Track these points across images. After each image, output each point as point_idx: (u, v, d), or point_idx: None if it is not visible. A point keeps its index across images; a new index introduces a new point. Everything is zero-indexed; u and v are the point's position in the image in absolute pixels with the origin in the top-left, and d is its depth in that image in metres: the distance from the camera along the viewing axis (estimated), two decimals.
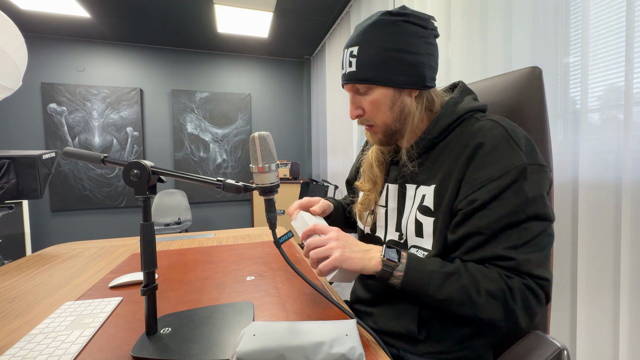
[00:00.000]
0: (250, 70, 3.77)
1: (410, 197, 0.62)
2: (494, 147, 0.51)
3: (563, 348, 0.47)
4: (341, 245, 0.54)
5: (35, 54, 3.04)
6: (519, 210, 0.48)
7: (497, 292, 0.47)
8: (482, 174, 0.51)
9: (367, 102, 0.59)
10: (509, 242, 0.48)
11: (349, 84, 0.59)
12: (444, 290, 0.50)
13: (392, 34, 0.55)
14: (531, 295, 0.47)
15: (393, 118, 0.59)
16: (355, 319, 0.51)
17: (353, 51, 0.57)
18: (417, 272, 0.51)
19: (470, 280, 0.49)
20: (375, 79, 0.56)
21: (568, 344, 0.98)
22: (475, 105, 0.58)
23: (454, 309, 0.50)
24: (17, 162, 1.03)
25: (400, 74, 0.56)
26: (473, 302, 0.48)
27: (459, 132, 0.57)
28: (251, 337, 0.42)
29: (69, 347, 0.48)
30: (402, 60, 0.55)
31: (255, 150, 0.51)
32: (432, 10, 1.55)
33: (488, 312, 0.48)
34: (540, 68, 0.59)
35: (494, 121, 0.54)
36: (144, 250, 0.49)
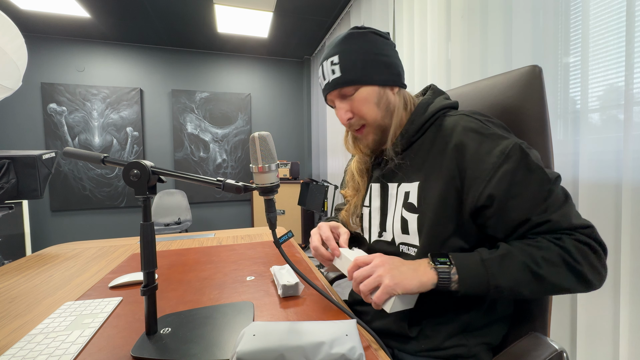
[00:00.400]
0: (250, 70, 3.77)
1: (393, 195, 0.65)
2: (478, 140, 0.53)
3: (562, 350, 0.47)
4: (388, 269, 0.51)
5: (35, 54, 3.03)
6: (542, 183, 0.49)
7: (555, 258, 0.47)
8: (483, 166, 0.52)
9: (355, 102, 0.62)
10: (540, 209, 0.49)
11: (335, 89, 0.62)
12: (506, 275, 0.48)
13: (366, 42, 0.61)
14: (586, 248, 0.47)
15: (382, 114, 0.62)
16: (355, 319, 0.51)
17: (333, 60, 0.60)
18: (469, 266, 0.50)
19: (525, 255, 0.48)
20: (360, 79, 0.60)
21: (568, 345, 0.98)
22: (447, 104, 0.62)
23: (524, 292, 0.48)
24: (17, 162, 1.03)
25: (381, 73, 0.61)
26: (538, 276, 0.47)
27: (434, 130, 0.61)
28: (251, 337, 0.42)
29: (69, 347, 0.48)
30: (380, 61, 0.61)
31: (255, 150, 0.51)
32: (432, 10, 1.55)
33: (557, 281, 0.47)
34: (540, 67, 0.59)
35: (467, 115, 0.58)
36: (144, 250, 0.49)
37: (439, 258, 0.52)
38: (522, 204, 0.49)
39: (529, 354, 0.48)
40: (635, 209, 0.82)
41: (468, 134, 0.54)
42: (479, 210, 0.53)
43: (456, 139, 0.55)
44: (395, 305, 0.50)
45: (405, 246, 0.62)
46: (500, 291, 0.48)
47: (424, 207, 0.58)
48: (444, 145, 0.57)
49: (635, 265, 0.82)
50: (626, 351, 0.84)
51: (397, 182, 0.64)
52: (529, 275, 0.47)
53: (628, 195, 0.82)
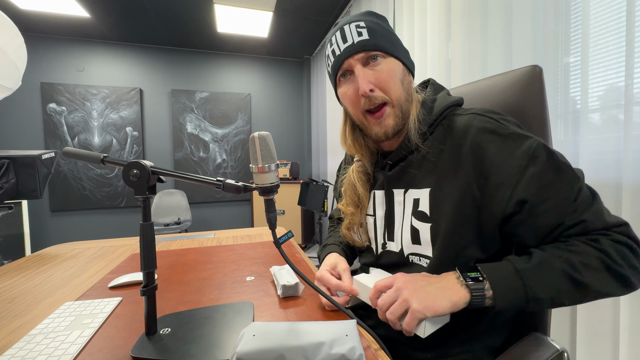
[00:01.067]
0: (250, 70, 3.77)
1: (400, 202, 0.60)
2: (498, 141, 0.49)
3: (562, 350, 0.47)
4: (413, 291, 0.45)
5: (34, 54, 3.03)
6: (572, 184, 0.46)
7: (595, 262, 0.43)
8: (508, 170, 0.47)
9: (381, 72, 0.54)
10: (570, 210, 0.45)
11: (361, 52, 0.54)
12: (545, 285, 0.44)
13: (387, 23, 0.58)
14: (625, 249, 0.44)
15: (405, 96, 0.56)
16: (355, 319, 0.51)
17: (360, 23, 0.54)
18: (504, 279, 0.45)
19: (563, 261, 0.44)
20: (390, 49, 0.55)
21: (568, 345, 0.98)
22: (452, 101, 0.57)
23: (564, 302, 0.44)
24: (17, 162, 1.02)
25: (405, 55, 0.58)
26: (580, 284, 0.43)
27: (442, 131, 0.56)
28: (251, 338, 0.42)
29: (69, 348, 0.48)
30: (400, 44, 0.58)
31: (255, 150, 0.51)
32: (432, 9, 1.55)
33: (599, 287, 0.43)
34: (541, 67, 0.59)
35: (480, 114, 0.53)
36: (143, 250, 0.49)
37: (470, 273, 0.46)
38: (555, 208, 0.45)
39: (530, 354, 0.48)
40: (635, 209, 0.82)
41: (485, 135, 0.50)
42: (507, 218, 0.49)
43: (471, 141, 0.51)
44: (428, 329, 0.45)
45: (415, 257, 0.57)
46: (540, 303, 0.44)
47: (437, 215, 0.53)
48: (457, 148, 0.52)
49: None
50: (626, 351, 0.84)
51: (403, 188, 0.59)
52: (570, 283, 0.44)
53: (628, 195, 0.82)
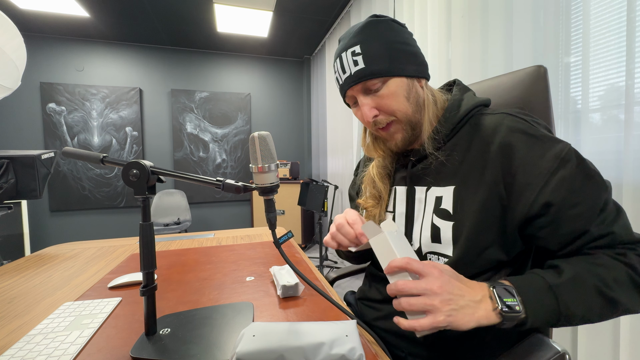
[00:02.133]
0: (250, 70, 3.77)
1: (421, 200, 0.59)
2: (528, 142, 0.48)
3: (564, 352, 0.46)
4: (446, 302, 0.41)
5: (34, 54, 3.03)
6: (600, 192, 0.45)
7: (624, 277, 0.42)
8: (536, 172, 0.47)
9: (381, 98, 0.55)
10: (597, 220, 0.45)
11: (359, 83, 0.55)
12: (578, 302, 0.42)
13: (388, 30, 0.55)
14: None
15: (412, 109, 0.56)
16: (355, 319, 0.51)
17: (355, 50, 0.54)
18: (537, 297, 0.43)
19: (595, 277, 0.43)
20: (388, 70, 0.54)
21: (569, 346, 0.98)
22: (480, 101, 0.57)
23: (593, 319, 0.43)
24: (16, 162, 1.02)
25: (409, 63, 0.55)
26: (611, 300, 0.42)
27: (469, 130, 0.55)
28: (251, 338, 0.42)
29: (68, 348, 0.48)
30: (405, 50, 0.55)
31: (255, 150, 0.51)
32: (432, 10, 1.55)
33: (628, 304, 0.42)
34: (545, 67, 0.59)
35: (509, 115, 0.53)
36: (143, 250, 0.49)
37: (507, 299, 0.42)
38: (582, 214, 0.44)
39: (532, 355, 0.48)
40: (636, 209, 0.82)
41: (515, 134, 0.49)
42: (530, 219, 0.48)
43: (501, 139, 0.50)
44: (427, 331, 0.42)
45: (434, 256, 0.56)
46: (571, 320, 0.43)
47: (460, 214, 0.52)
48: (485, 146, 0.51)
49: None
50: (626, 351, 0.84)
51: (426, 186, 0.58)
52: (602, 299, 0.42)
53: (628, 195, 0.82)
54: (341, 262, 3.03)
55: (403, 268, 0.44)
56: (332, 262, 3.01)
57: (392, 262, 0.45)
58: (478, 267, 0.52)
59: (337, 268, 3.06)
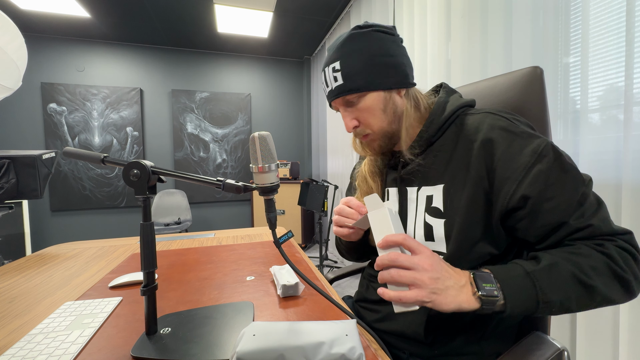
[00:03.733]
0: (250, 70, 3.77)
1: (413, 200, 0.61)
2: (509, 138, 0.50)
3: (563, 349, 0.47)
4: (433, 281, 0.43)
5: (35, 54, 3.03)
6: (577, 185, 0.47)
7: (601, 266, 0.43)
8: (515, 166, 0.49)
9: (360, 111, 0.59)
10: (577, 214, 0.46)
11: (338, 97, 0.59)
12: (556, 288, 0.43)
13: (369, 42, 0.57)
14: (628, 255, 0.45)
15: (388, 120, 0.59)
16: (355, 319, 0.51)
17: (335, 66, 0.57)
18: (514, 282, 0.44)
19: (572, 264, 0.44)
20: (364, 86, 0.57)
21: (568, 344, 0.98)
22: (464, 102, 0.59)
23: (573, 307, 0.44)
24: (17, 162, 1.03)
25: (386, 77, 0.57)
26: (589, 287, 0.43)
27: (455, 130, 0.58)
28: (251, 337, 0.42)
29: (69, 347, 0.48)
30: (384, 63, 0.57)
31: (255, 150, 0.51)
32: (432, 10, 1.55)
33: (607, 292, 0.43)
34: (542, 68, 0.59)
35: (491, 113, 0.55)
36: (143, 250, 0.49)
37: (485, 284, 0.44)
38: (558, 207, 0.46)
39: (532, 352, 0.48)
40: (635, 209, 0.82)
41: (496, 131, 0.51)
42: (509, 212, 0.50)
43: (483, 136, 0.52)
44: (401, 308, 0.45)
45: None
46: (550, 307, 0.44)
47: (451, 211, 0.54)
48: (470, 144, 0.54)
49: None
50: (626, 351, 0.84)
51: (416, 186, 0.60)
52: (580, 287, 0.43)
53: (628, 195, 0.82)
54: (341, 262, 3.03)
55: (400, 243, 0.46)
56: (332, 262, 3.01)
57: (390, 237, 0.46)
58: (470, 261, 0.53)
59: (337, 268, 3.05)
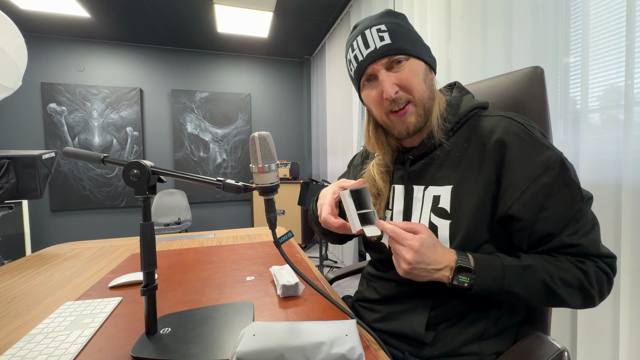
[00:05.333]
0: (250, 70, 3.77)
1: (419, 199, 0.60)
2: (520, 145, 0.51)
3: (563, 349, 0.47)
4: (417, 261, 0.48)
5: (35, 54, 3.03)
6: (575, 201, 0.49)
7: (573, 280, 0.48)
8: (521, 174, 0.50)
9: (404, 74, 0.55)
10: (570, 229, 0.49)
11: (385, 57, 0.55)
12: (522, 285, 0.49)
13: (406, 22, 0.59)
14: (604, 277, 0.49)
15: (428, 94, 0.57)
16: (355, 319, 0.51)
17: (381, 27, 0.55)
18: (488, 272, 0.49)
19: (545, 273, 0.49)
20: (412, 50, 0.56)
21: (568, 345, 0.98)
22: (478, 103, 0.59)
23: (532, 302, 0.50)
24: (17, 162, 1.03)
25: (426, 53, 0.58)
26: (552, 293, 0.48)
27: (467, 130, 0.57)
28: (251, 337, 0.42)
29: (69, 347, 0.48)
30: (421, 42, 0.59)
31: (255, 150, 0.51)
32: (432, 10, 1.55)
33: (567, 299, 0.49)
34: (542, 68, 0.59)
35: (506, 117, 0.54)
36: (143, 250, 0.49)
37: (462, 277, 0.49)
38: (550, 218, 0.49)
39: (532, 353, 0.48)
40: (635, 209, 0.82)
41: (509, 135, 0.52)
42: (509, 217, 0.51)
43: (496, 139, 0.52)
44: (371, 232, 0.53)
45: None
46: (510, 297, 0.49)
47: (458, 212, 0.54)
48: (482, 146, 0.54)
49: (635, 265, 0.82)
50: (626, 351, 0.84)
51: (423, 185, 0.60)
52: (544, 291, 0.49)
53: (628, 195, 0.82)
54: (341, 262, 3.03)
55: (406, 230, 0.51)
56: (332, 262, 3.01)
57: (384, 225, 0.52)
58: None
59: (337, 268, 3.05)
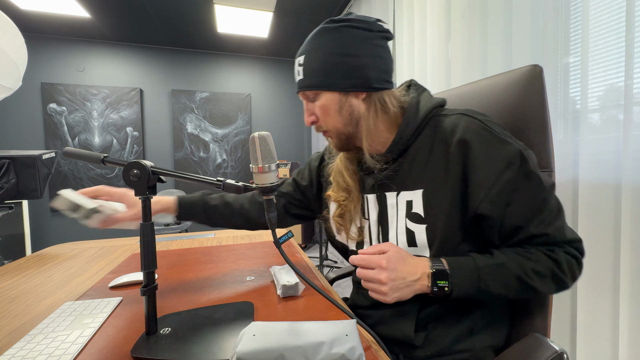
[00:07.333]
0: (250, 70, 3.77)
1: (392, 205, 0.60)
2: (481, 143, 0.52)
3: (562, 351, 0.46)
4: (392, 278, 0.51)
5: (35, 54, 3.03)
6: (537, 192, 0.50)
7: (545, 271, 0.50)
8: (486, 172, 0.51)
9: (317, 108, 0.60)
10: (536, 219, 0.51)
11: (300, 92, 0.61)
12: (497, 283, 0.51)
13: (335, 40, 0.55)
14: (573, 261, 0.51)
15: (343, 122, 0.59)
16: (355, 319, 0.51)
17: (300, 60, 0.58)
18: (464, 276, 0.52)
19: (518, 267, 0.51)
20: (320, 85, 0.57)
21: (568, 345, 0.98)
22: (436, 102, 0.59)
23: (509, 296, 0.53)
24: (17, 162, 1.03)
25: (344, 78, 0.56)
26: (527, 286, 0.51)
27: (430, 132, 0.58)
28: (251, 337, 0.42)
29: (69, 347, 0.48)
30: (345, 64, 0.55)
31: (255, 150, 0.51)
32: (432, 10, 1.55)
33: (542, 289, 0.51)
34: (541, 66, 0.59)
35: (464, 115, 0.55)
36: (143, 250, 0.49)
37: (440, 282, 0.51)
38: (517, 210, 0.51)
39: (529, 355, 0.48)
40: (635, 209, 0.82)
41: (469, 134, 0.53)
42: (479, 216, 0.53)
43: (458, 139, 0.53)
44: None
45: None
46: (488, 295, 0.52)
47: (432, 216, 0.55)
48: (446, 147, 0.54)
49: (635, 265, 0.82)
50: (626, 351, 0.84)
51: (395, 191, 0.60)
52: (519, 285, 0.51)
53: (628, 195, 0.82)
54: (341, 262, 3.03)
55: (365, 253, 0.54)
56: (332, 262, 3.01)
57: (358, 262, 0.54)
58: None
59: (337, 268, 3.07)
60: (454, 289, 0.51)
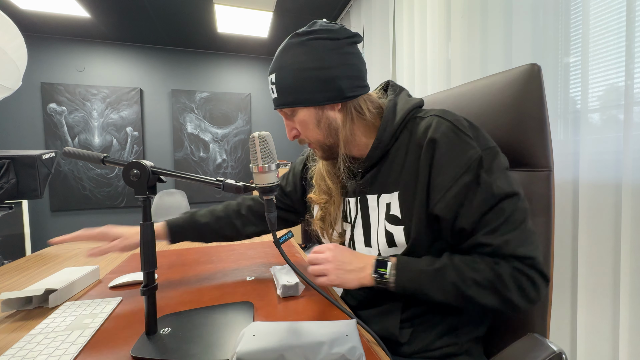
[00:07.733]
0: (250, 70, 3.77)
1: (374, 208, 0.61)
2: (447, 145, 0.52)
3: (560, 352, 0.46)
4: (335, 267, 0.57)
5: (35, 54, 3.03)
6: (488, 197, 0.49)
7: (483, 281, 0.49)
8: (446, 175, 0.51)
9: (295, 124, 0.61)
10: (486, 228, 0.50)
11: (277, 109, 0.61)
12: (436, 289, 0.52)
13: (302, 54, 0.55)
14: (524, 279, 0.48)
15: (323, 135, 0.60)
16: (355, 319, 0.51)
17: (272, 78, 0.59)
18: (407, 275, 0.54)
19: (457, 274, 0.51)
20: (295, 102, 0.57)
21: (568, 345, 0.98)
22: (413, 103, 0.59)
23: (452, 304, 0.52)
24: (17, 162, 1.03)
25: (316, 92, 0.56)
26: (464, 295, 0.50)
27: (407, 134, 0.58)
28: (251, 337, 0.42)
29: (69, 347, 0.48)
30: (315, 78, 0.55)
31: (255, 150, 0.51)
32: (432, 10, 1.55)
33: (481, 301, 0.50)
34: (539, 65, 0.59)
35: (437, 117, 0.55)
36: (143, 250, 0.49)
37: (380, 269, 0.55)
38: (466, 215, 0.50)
39: (526, 355, 0.48)
40: (635, 209, 0.82)
41: (439, 134, 0.53)
42: (435, 217, 0.54)
43: (429, 137, 0.54)
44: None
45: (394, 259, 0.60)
46: (428, 299, 0.53)
47: (408, 218, 0.56)
48: (419, 149, 0.55)
49: (635, 265, 0.82)
50: (626, 351, 0.84)
51: (376, 193, 0.61)
52: (455, 293, 0.51)
53: (628, 195, 0.82)
54: None
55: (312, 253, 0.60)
56: None
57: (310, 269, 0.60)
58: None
59: None
60: (395, 280, 0.54)
